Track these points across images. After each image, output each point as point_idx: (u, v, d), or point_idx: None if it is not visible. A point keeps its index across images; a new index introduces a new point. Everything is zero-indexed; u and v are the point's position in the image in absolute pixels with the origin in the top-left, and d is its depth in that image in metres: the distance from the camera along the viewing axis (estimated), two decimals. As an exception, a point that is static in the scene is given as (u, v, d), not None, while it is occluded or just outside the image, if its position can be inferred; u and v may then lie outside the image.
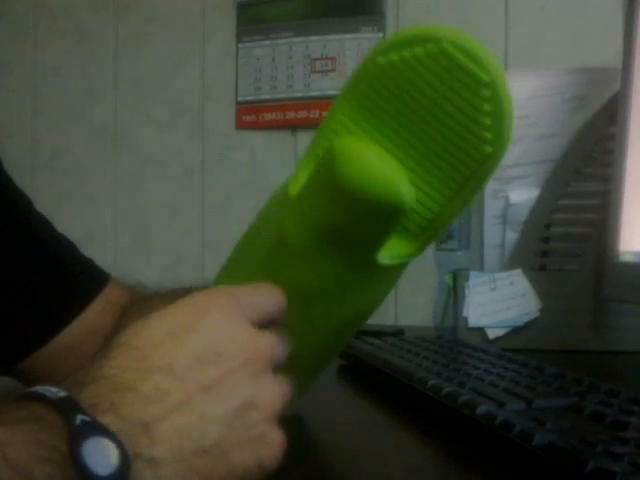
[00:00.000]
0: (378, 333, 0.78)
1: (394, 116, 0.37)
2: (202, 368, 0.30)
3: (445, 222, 0.39)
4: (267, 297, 0.36)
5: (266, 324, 0.34)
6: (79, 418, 0.25)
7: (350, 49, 1.19)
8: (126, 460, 0.26)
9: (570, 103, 0.82)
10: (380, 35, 1.17)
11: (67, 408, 0.26)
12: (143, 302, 0.58)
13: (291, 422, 0.32)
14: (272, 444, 0.31)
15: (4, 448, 0.24)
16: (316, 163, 0.39)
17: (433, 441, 0.43)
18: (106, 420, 0.26)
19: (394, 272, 0.41)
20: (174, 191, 1.30)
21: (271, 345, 0.33)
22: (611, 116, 0.74)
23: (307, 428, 0.46)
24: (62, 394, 0.27)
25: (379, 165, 0.36)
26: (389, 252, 0.39)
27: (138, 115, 1.32)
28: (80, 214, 1.32)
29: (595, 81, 0.81)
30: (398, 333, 0.87)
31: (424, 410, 0.47)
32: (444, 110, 0.36)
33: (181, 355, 0.30)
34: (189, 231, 1.29)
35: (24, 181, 0.62)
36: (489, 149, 0.37)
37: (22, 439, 0.24)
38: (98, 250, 0.64)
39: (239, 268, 0.46)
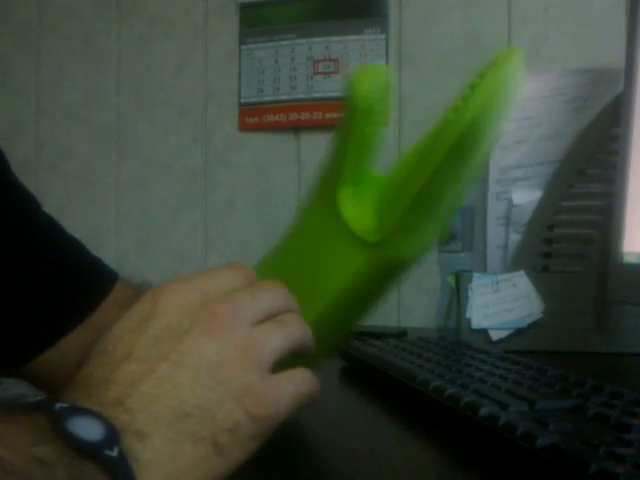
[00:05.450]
0: (380, 334, 0.78)
1: None
2: (160, 345, 0.31)
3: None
4: (229, 275, 0.36)
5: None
6: (57, 405, 0.27)
7: (353, 51, 1.19)
8: (112, 428, 0.27)
9: (573, 104, 0.82)
10: (383, 37, 1.17)
11: (44, 403, 0.27)
12: None
13: (292, 423, 0.32)
14: (258, 392, 0.31)
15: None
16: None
17: (435, 443, 0.43)
18: (83, 405, 0.28)
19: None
20: (177, 193, 1.30)
21: (229, 307, 0.33)
22: (614, 117, 0.74)
23: (308, 429, 0.46)
24: (39, 398, 0.28)
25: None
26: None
27: (141, 117, 1.32)
28: (83, 216, 1.32)
29: (598, 82, 0.81)
30: (401, 334, 0.87)
31: (427, 412, 0.47)
32: None
33: (139, 341, 0.31)
34: (192, 233, 1.29)
35: (28, 183, 0.62)
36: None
37: (14, 430, 0.26)
38: (101, 251, 0.64)
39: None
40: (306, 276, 0.42)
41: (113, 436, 0.27)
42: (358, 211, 0.41)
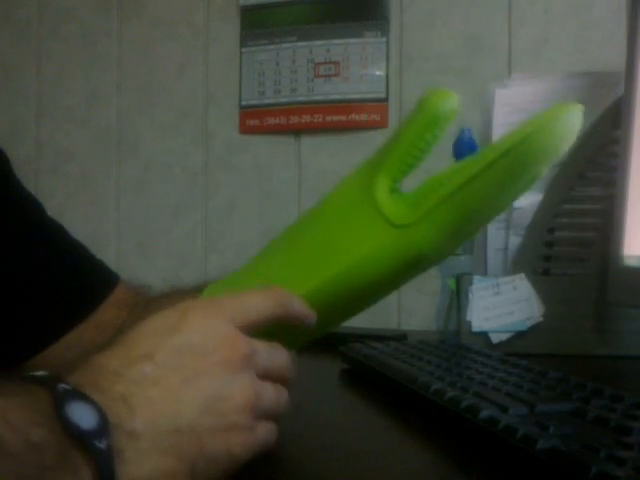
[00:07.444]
0: (381, 337, 0.78)
1: None
2: (181, 358, 0.32)
3: (457, 209, 0.40)
4: (257, 299, 0.37)
5: (256, 326, 0.36)
6: (60, 386, 0.28)
7: (354, 53, 1.19)
8: (106, 421, 0.28)
9: (574, 107, 0.82)
10: (384, 39, 1.17)
11: (48, 381, 0.29)
12: (150, 303, 0.59)
13: (293, 425, 0.32)
14: (242, 434, 0.33)
15: (4, 413, 0.26)
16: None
17: (435, 445, 0.43)
18: (86, 391, 0.29)
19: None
20: (177, 195, 1.30)
21: (249, 347, 0.34)
22: (615, 120, 0.74)
23: (309, 431, 0.46)
24: (44, 373, 0.30)
25: None
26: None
27: (142, 119, 1.32)
28: (84, 217, 1.33)
29: (599, 85, 0.81)
30: (401, 337, 0.87)
31: (427, 414, 0.47)
32: None
33: (162, 346, 0.32)
34: (192, 235, 1.29)
35: (28, 184, 0.62)
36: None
37: (17, 404, 0.27)
38: (101, 252, 0.64)
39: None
40: (322, 242, 0.43)
41: (105, 428, 0.28)
42: (391, 199, 0.42)
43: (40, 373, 0.30)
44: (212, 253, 1.28)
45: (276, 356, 0.37)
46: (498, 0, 1.13)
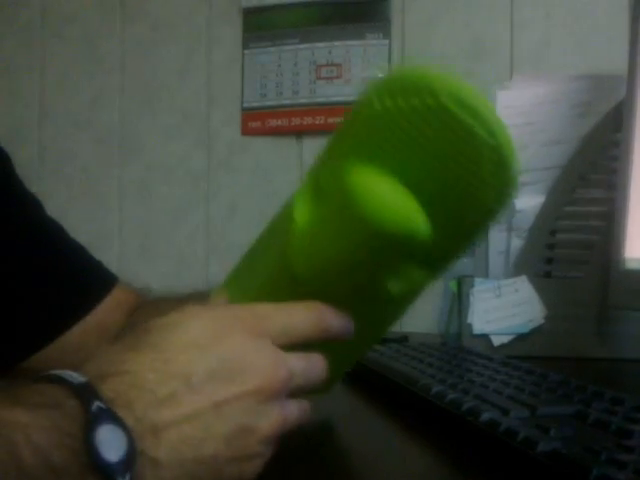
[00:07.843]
0: (382, 339, 0.78)
1: (396, 159, 0.36)
2: (216, 384, 0.31)
3: (453, 255, 0.40)
4: (300, 319, 0.37)
5: (297, 345, 0.36)
6: (96, 404, 0.27)
7: (356, 55, 1.19)
8: (133, 452, 0.27)
9: (575, 110, 0.82)
10: (385, 42, 1.18)
11: (85, 394, 0.28)
12: (152, 305, 0.59)
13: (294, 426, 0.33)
14: (257, 462, 0.33)
15: (27, 430, 0.26)
16: (322, 197, 0.39)
17: (436, 448, 0.43)
18: (120, 413, 0.28)
19: (407, 296, 0.42)
20: (179, 197, 1.30)
21: (287, 373, 0.34)
22: (616, 123, 0.74)
23: (310, 433, 0.46)
24: (82, 379, 0.28)
25: (397, 198, 0.36)
26: (400, 281, 0.39)
27: (144, 121, 1.32)
28: (86, 219, 1.33)
29: (600, 88, 0.81)
30: (402, 339, 0.87)
31: (428, 417, 0.47)
32: (446, 163, 0.35)
33: (200, 367, 0.31)
34: (194, 237, 1.29)
35: (31, 186, 0.62)
36: (491, 205, 0.36)
37: (43, 424, 0.26)
38: (103, 254, 0.65)
39: (242, 287, 0.46)
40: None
41: (131, 460, 0.27)
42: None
43: (76, 379, 0.28)
44: (214, 255, 1.28)
45: (311, 373, 0.36)
46: (500, 2, 1.13)
